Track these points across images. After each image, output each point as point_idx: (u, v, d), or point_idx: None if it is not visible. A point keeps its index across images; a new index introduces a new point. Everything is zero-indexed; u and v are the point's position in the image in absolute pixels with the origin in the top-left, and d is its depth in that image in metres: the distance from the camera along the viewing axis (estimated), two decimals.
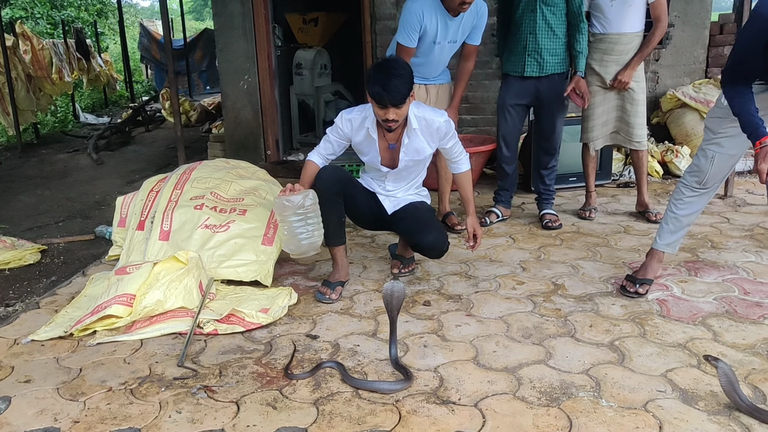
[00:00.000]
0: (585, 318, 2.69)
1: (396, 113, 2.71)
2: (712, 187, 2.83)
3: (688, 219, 2.89)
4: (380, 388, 2.19)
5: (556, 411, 2.04)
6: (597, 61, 3.81)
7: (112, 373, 2.36)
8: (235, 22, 5.56)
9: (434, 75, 3.76)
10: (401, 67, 2.71)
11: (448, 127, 2.94)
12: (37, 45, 9.22)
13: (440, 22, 3.47)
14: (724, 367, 2.01)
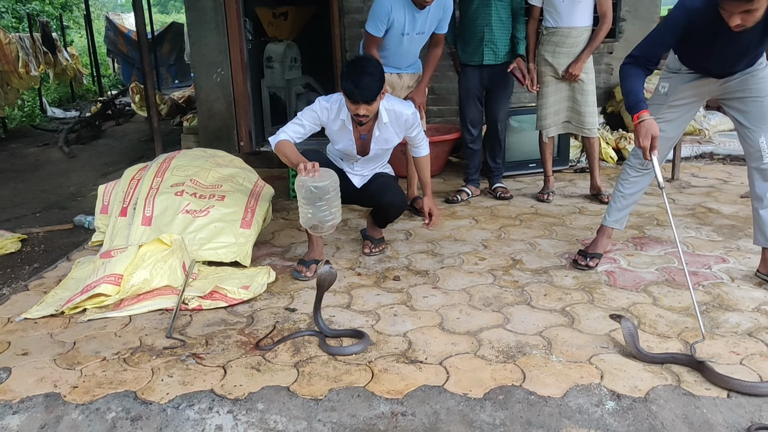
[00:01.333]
0: (540, 288, 2.95)
1: (367, 109, 2.93)
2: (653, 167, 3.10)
3: (633, 197, 3.17)
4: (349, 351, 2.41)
5: (511, 366, 2.29)
6: (549, 53, 4.09)
7: (104, 345, 2.54)
8: (207, 16, 5.69)
9: (406, 65, 3.98)
10: (373, 66, 2.92)
11: (415, 119, 3.21)
12: (4, 39, 9.18)
13: (408, 15, 3.70)
14: (626, 323, 2.30)
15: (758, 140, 2.81)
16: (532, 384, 2.17)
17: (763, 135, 2.80)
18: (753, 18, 2.34)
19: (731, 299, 2.76)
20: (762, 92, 2.80)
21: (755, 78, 2.80)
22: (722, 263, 3.15)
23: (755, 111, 2.81)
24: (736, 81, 2.82)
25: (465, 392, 2.14)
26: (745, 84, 2.81)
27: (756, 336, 2.44)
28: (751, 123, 2.82)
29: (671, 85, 2.96)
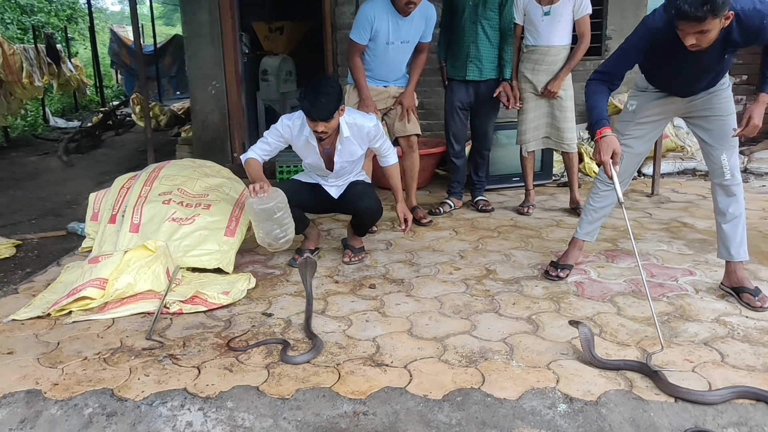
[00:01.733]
0: (510, 297, 3.05)
1: (325, 126, 3.09)
2: (622, 182, 3.21)
3: (603, 211, 3.28)
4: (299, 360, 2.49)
5: (472, 370, 2.39)
6: (529, 70, 4.22)
7: (87, 345, 2.65)
8: (203, 31, 5.85)
9: (394, 77, 4.11)
10: (329, 86, 3.07)
11: (377, 131, 3.36)
12: (8, 50, 9.36)
13: (391, 23, 3.84)
14: (583, 329, 2.40)
15: (720, 157, 2.92)
16: (490, 387, 2.27)
17: (725, 152, 2.92)
18: (707, 38, 2.45)
19: (693, 310, 2.86)
20: (724, 111, 2.92)
21: (718, 98, 2.92)
22: (689, 276, 3.25)
23: (718, 129, 2.92)
24: (701, 100, 2.94)
25: (425, 394, 2.24)
26: (709, 103, 2.93)
27: (711, 345, 2.54)
28: (714, 141, 2.94)
29: (639, 103, 3.08)
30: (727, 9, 2.36)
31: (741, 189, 2.96)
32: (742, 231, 2.97)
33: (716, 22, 2.38)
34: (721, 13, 2.34)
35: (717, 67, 2.75)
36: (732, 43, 2.58)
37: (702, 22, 2.36)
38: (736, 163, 2.94)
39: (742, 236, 2.97)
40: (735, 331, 2.64)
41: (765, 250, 3.59)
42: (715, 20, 2.36)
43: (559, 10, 4.11)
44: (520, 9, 4.21)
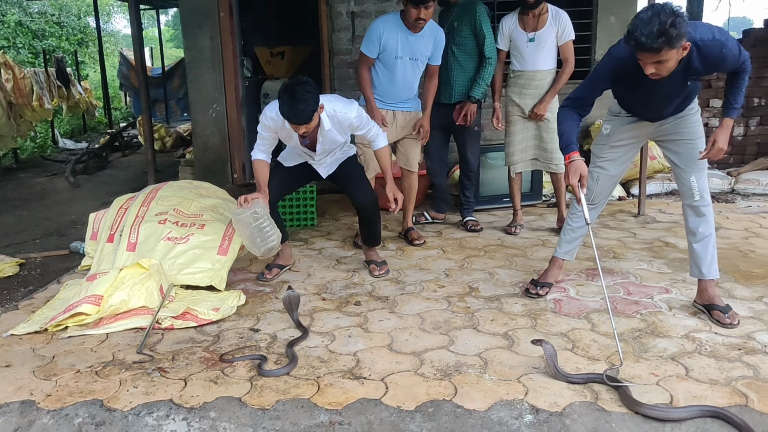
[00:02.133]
0: (489, 314, 3.16)
1: (306, 127, 3.23)
2: (599, 203, 3.34)
3: (581, 230, 3.39)
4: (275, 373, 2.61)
5: (446, 383, 2.50)
6: (516, 94, 4.37)
7: (80, 359, 2.78)
8: (204, 56, 6.04)
9: (403, 98, 4.22)
10: (306, 92, 3.12)
11: (359, 121, 3.51)
12: (18, 74, 9.63)
13: (401, 37, 4.00)
14: (547, 345, 2.50)
15: (689, 179, 3.04)
16: (461, 399, 2.38)
17: (694, 174, 3.04)
18: (666, 67, 2.58)
19: (664, 326, 2.95)
20: (693, 135, 3.05)
21: (687, 122, 3.05)
22: (665, 293, 3.35)
23: (686, 152, 3.05)
24: (670, 125, 3.06)
25: (399, 405, 2.35)
26: (678, 128, 3.06)
27: (678, 360, 2.63)
28: (683, 163, 3.06)
29: (612, 127, 3.21)
30: (683, 40, 2.48)
31: (710, 210, 3.06)
32: (712, 250, 3.07)
33: (673, 53, 2.51)
34: (676, 44, 2.47)
35: (681, 93, 2.87)
36: (693, 71, 2.71)
37: (658, 53, 2.48)
38: (705, 184, 3.05)
39: (713, 255, 3.07)
40: (702, 347, 2.74)
41: (743, 269, 3.68)
42: (672, 51, 2.48)
43: (544, 37, 4.26)
44: (506, 35, 4.36)
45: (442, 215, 4.90)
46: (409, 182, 4.42)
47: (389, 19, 4.04)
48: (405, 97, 4.23)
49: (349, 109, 3.45)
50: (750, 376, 2.48)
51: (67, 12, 17.42)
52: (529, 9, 4.22)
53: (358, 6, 5.89)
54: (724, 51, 2.66)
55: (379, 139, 3.66)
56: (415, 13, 3.86)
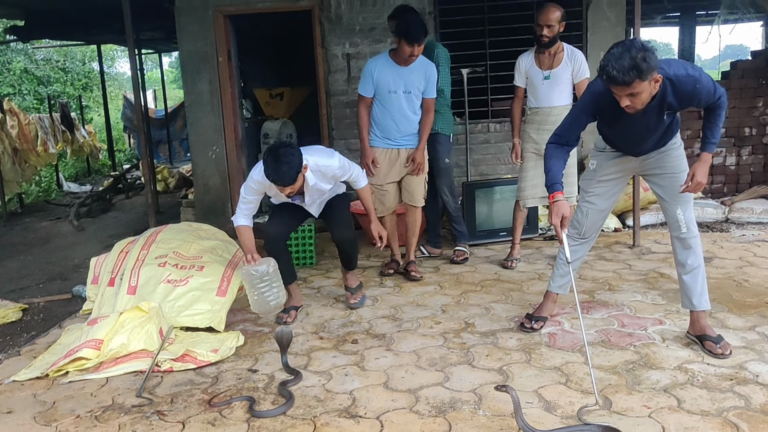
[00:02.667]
0: (484, 349, 3.19)
1: (291, 187, 3.35)
2: (590, 237, 3.40)
3: (573, 264, 3.42)
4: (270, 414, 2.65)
5: (441, 420, 2.53)
6: (534, 130, 4.45)
7: (80, 404, 2.82)
8: (203, 99, 6.19)
9: (405, 134, 4.35)
10: (289, 154, 3.28)
11: (342, 170, 3.67)
12: (23, 120, 9.83)
13: (392, 72, 4.24)
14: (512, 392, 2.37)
15: (675, 212, 3.11)
16: None
17: (680, 207, 3.10)
18: (639, 100, 2.67)
19: (657, 358, 2.98)
20: (676, 169, 3.12)
21: (670, 157, 3.13)
22: (659, 325, 3.38)
23: (671, 186, 3.12)
24: (654, 159, 3.14)
25: None
26: (662, 162, 3.13)
27: (670, 392, 2.66)
28: (669, 197, 3.13)
29: (598, 162, 3.29)
30: (653, 73, 2.59)
31: (698, 242, 3.11)
32: (702, 281, 3.11)
33: (645, 85, 2.60)
34: (647, 76, 2.57)
35: (659, 127, 2.95)
36: (668, 105, 2.80)
37: (630, 85, 2.58)
38: (692, 216, 3.12)
39: (703, 286, 3.11)
40: (695, 378, 2.77)
41: (736, 299, 3.71)
42: (644, 83, 2.58)
43: (559, 74, 4.38)
44: (522, 73, 4.50)
45: (437, 250, 4.96)
46: (413, 217, 4.55)
47: (380, 57, 4.32)
48: (406, 132, 4.36)
49: (330, 159, 3.60)
50: (741, 407, 2.50)
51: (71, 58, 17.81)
52: (545, 48, 4.34)
53: (353, 48, 6.05)
54: (697, 86, 2.75)
55: (360, 179, 3.82)
56: (408, 51, 4.10)
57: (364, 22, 6.00)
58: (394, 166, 4.39)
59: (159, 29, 9.62)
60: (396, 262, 4.65)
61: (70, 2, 7.53)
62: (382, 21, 5.96)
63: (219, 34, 6.07)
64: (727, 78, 6.38)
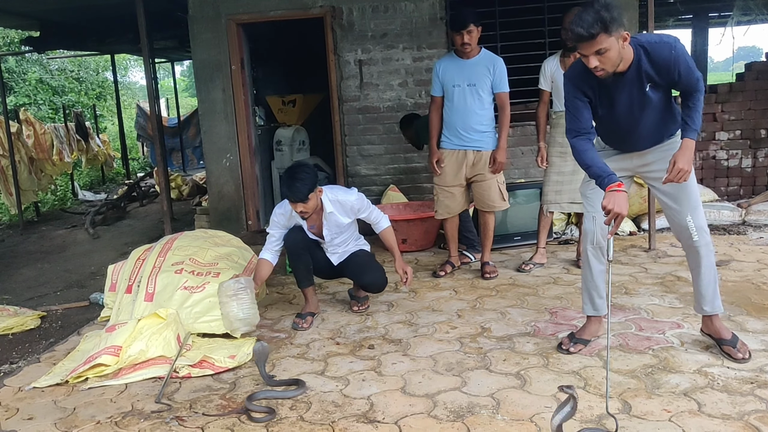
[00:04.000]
0: (501, 354, 3.18)
1: (303, 206, 3.51)
2: (603, 246, 3.32)
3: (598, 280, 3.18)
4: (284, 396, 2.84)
5: (459, 424, 2.52)
6: (560, 134, 4.32)
7: (100, 410, 2.84)
8: (217, 108, 6.23)
9: (469, 131, 4.35)
10: (304, 172, 3.50)
11: (360, 203, 3.73)
12: (39, 130, 9.96)
13: (455, 66, 4.36)
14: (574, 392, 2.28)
15: (685, 219, 2.96)
16: None
17: (689, 214, 2.95)
18: (608, 59, 2.65)
19: (676, 362, 2.96)
20: None
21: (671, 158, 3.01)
22: (677, 328, 3.36)
23: (677, 192, 2.96)
24: (654, 157, 3.01)
25: None
26: (663, 164, 2.94)
27: (690, 395, 2.64)
28: (676, 203, 2.98)
29: None
30: (619, 28, 2.61)
31: (710, 247, 3.00)
32: (714, 286, 3.02)
33: (612, 41, 2.61)
34: (611, 28, 2.58)
35: (645, 103, 2.83)
36: (647, 75, 2.74)
37: (595, 38, 2.59)
38: (702, 221, 2.97)
39: (715, 291, 3.02)
40: (715, 382, 2.74)
41: (755, 302, 3.68)
42: (610, 38, 2.60)
43: None
44: (548, 76, 4.47)
45: (478, 254, 4.83)
46: (485, 220, 4.56)
47: (444, 56, 4.59)
48: (472, 129, 4.35)
49: (349, 194, 3.74)
50: (763, 410, 2.48)
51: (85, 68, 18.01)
52: (571, 51, 4.30)
53: (365, 54, 6.08)
54: (673, 52, 2.71)
55: (381, 221, 3.88)
56: (459, 40, 4.24)
57: (376, 28, 6.03)
58: (461, 168, 4.43)
59: (172, 38, 9.70)
60: (451, 264, 4.69)
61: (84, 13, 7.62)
62: (393, 27, 6.00)
63: (232, 42, 6.12)
64: (741, 80, 6.34)
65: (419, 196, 6.15)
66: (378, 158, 6.33)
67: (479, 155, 4.39)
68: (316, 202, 3.56)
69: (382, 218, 3.88)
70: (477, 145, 4.39)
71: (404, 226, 5.30)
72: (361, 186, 6.24)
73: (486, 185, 4.43)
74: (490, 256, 4.64)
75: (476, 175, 4.42)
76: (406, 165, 6.29)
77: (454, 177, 4.45)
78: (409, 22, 5.99)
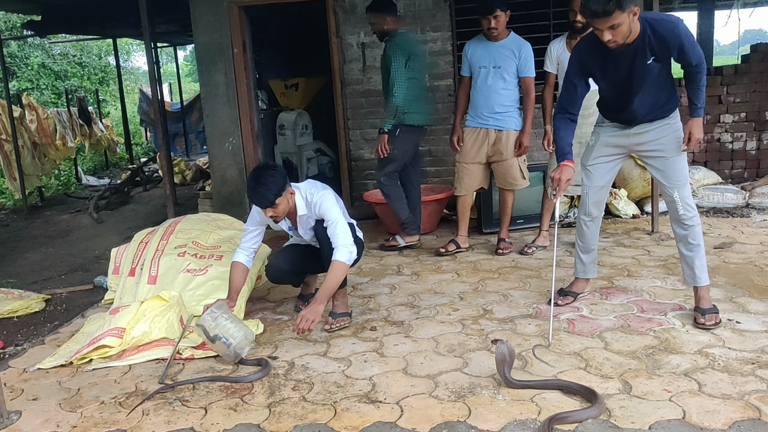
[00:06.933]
0: (503, 335, 3.18)
1: (273, 211, 3.18)
2: (596, 216, 3.45)
3: (590, 245, 3.52)
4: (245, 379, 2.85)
5: (460, 404, 2.54)
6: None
7: (104, 390, 2.87)
8: (219, 91, 6.21)
9: (491, 111, 4.44)
10: (269, 175, 3.14)
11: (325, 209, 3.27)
12: (42, 114, 9.94)
13: (483, 49, 4.45)
14: (501, 347, 2.59)
15: (672, 194, 3.18)
16: (475, 419, 2.41)
17: (676, 190, 3.17)
18: (620, 33, 2.79)
19: (677, 343, 2.96)
20: (672, 152, 3.17)
21: (667, 138, 3.16)
22: (678, 310, 3.36)
23: (667, 170, 3.20)
24: (650, 135, 3.18)
25: (414, 427, 2.39)
26: (659, 144, 3.18)
27: (691, 375, 2.65)
28: (666, 180, 3.21)
29: (596, 138, 3.37)
30: (631, 4, 2.72)
31: (696, 221, 3.19)
32: (700, 259, 3.20)
33: (624, 16, 2.73)
34: (626, 6, 2.70)
35: (645, 73, 2.97)
36: (650, 47, 2.88)
37: (610, 16, 2.70)
38: (688, 197, 3.18)
39: (702, 264, 3.20)
40: (716, 362, 2.75)
41: (758, 284, 3.67)
42: (623, 14, 2.72)
43: None
44: (554, 59, 4.46)
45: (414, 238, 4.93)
46: (504, 198, 4.70)
47: (474, 38, 4.57)
48: (494, 109, 4.44)
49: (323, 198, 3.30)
50: (763, 390, 2.48)
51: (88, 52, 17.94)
52: (578, 33, 4.27)
53: (367, 37, 6.03)
54: (676, 30, 2.87)
55: (339, 246, 3.18)
56: (485, 23, 4.33)
57: None
58: (482, 146, 4.51)
59: (174, 22, 9.65)
60: (455, 243, 4.72)
61: None
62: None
63: (234, 26, 6.08)
64: (747, 62, 6.29)
65: (423, 180, 6.11)
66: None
67: (501, 134, 4.46)
68: (286, 205, 3.22)
69: (339, 243, 3.18)
70: (498, 124, 4.46)
71: None
72: (364, 170, 6.25)
73: (507, 164, 4.53)
74: (507, 233, 4.74)
75: (497, 153, 4.49)
76: None
77: (475, 154, 4.54)
78: (413, 4, 5.94)
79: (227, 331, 3.03)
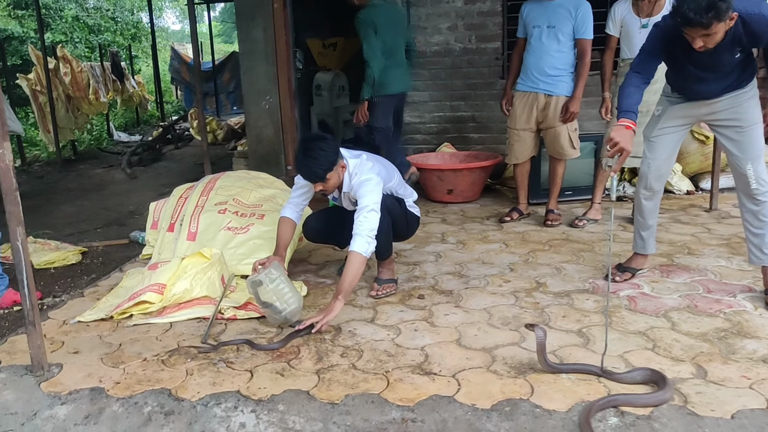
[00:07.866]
0: (560, 310, 3.03)
1: (322, 185, 2.97)
2: (657, 190, 3.25)
3: (650, 221, 3.32)
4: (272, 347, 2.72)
5: (521, 381, 2.39)
6: None
7: (146, 347, 2.77)
8: (258, 47, 6.01)
9: (542, 73, 4.22)
10: (319, 148, 2.89)
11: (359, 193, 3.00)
12: (76, 67, 9.86)
13: (538, 7, 4.23)
14: (539, 332, 2.39)
15: (746, 167, 2.97)
16: (539, 398, 2.26)
17: (751, 162, 2.95)
18: (713, 40, 2.57)
19: (751, 326, 2.77)
20: (749, 122, 2.96)
21: (742, 107, 2.95)
22: (748, 292, 3.15)
23: (743, 140, 2.98)
24: (723, 103, 2.97)
25: (473, 403, 2.25)
26: (733, 113, 2.96)
27: None
28: (740, 151, 2.99)
29: (664, 108, 3.15)
30: (730, 12, 2.48)
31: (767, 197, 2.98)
32: None
33: (721, 26, 2.51)
34: (725, 17, 2.48)
35: (730, 63, 2.79)
36: (739, 41, 2.67)
37: (708, 27, 2.48)
38: (762, 172, 2.96)
39: None
40: None
41: None
42: (720, 24, 2.49)
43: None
44: (617, 21, 4.18)
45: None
46: (554, 167, 4.51)
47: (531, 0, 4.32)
48: (546, 72, 4.21)
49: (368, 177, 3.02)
50: None
51: (120, 7, 17.81)
52: None
53: None
54: None
55: (359, 236, 2.87)
56: None
57: None
58: (531, 112, 4.32)
59: None
60: (518, 211, 4.60)
61: None
62: None
63: None
64: None
65: (465, 147, 5.93)
66: (423, 105, 6.10)
67: (550, 99, 4.24)
68: (337, 180, 2.99)
69: (360, 229, 2.88)
70: (549, 88, 4.24)
71: (451, 176, 5.11)
72: (405, 135, 6.05)
73: (556, 132, 4.30)
74: (556, 204, 4.56)
75: (546, 120, 4.29)
76: (452, 113, 6.06)
77: (526, 120, 4.35)
78: None
79: (283, 296, 2.87)
